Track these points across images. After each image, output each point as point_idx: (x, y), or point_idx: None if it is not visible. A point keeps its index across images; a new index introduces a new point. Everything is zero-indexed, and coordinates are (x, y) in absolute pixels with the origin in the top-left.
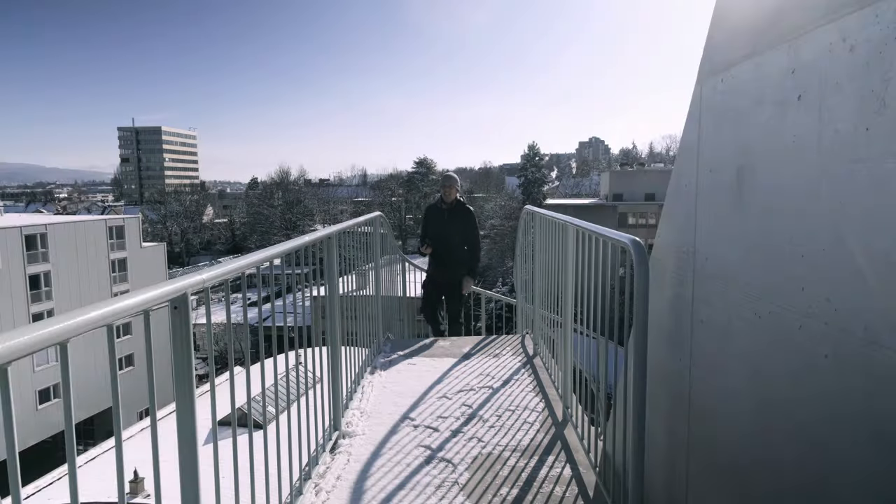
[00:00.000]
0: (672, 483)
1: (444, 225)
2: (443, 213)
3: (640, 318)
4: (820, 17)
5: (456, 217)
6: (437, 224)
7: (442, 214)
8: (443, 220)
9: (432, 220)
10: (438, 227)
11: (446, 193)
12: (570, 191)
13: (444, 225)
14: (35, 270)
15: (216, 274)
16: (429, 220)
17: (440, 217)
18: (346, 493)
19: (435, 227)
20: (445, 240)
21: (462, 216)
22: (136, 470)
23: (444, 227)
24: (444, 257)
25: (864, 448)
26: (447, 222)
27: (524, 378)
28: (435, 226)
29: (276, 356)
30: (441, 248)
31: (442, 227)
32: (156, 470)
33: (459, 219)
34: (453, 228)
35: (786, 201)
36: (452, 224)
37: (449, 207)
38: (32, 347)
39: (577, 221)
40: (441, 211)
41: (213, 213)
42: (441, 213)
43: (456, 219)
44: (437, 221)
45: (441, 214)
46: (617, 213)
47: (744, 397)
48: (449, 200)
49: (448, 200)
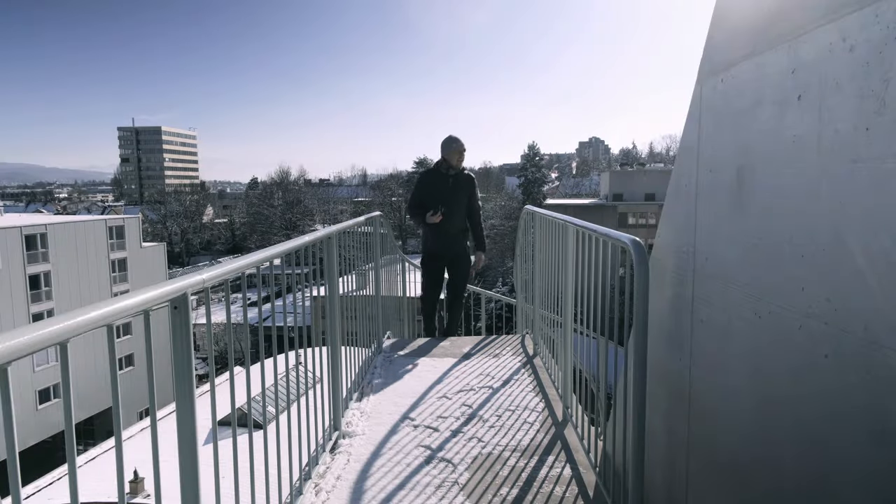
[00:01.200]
0: (672, 483)
1: (449, 193)
2: (447, 180)
3: (640, 318)
4: (820, 17)
5: (462, 185)
6: (440, 192)
7: (446, 181)
8: (447, 187)
9: (434, 187)
10: (443, 195)
11: (458, 159)
12: (570, 191)
13: (450, 193)
14: (35, 270)
15: (216, 274)
16: (428, 187)
17: (443, 184)
18: (346, 493)
19: (438, 195)
20: (451, 209)
21: (467, 184)
22: (136, 470)
23: (450, 195)
24: (448, 229)
25: (864, 447)
26: (453, 190)
27: (524, 378)
28: (438, 194)
29: (276, 356)
30: (445, 219)
31: (448, 195)
32: (156, 470)
33: (465, 187)
34: (460, 197)
35: (786, 201)
36: (459, 192)
37: (455, 174)
38: (32, 347)
39: (577, 221)
40: (444, 177)
41: (213, 213)
42: (445, 179)
43: (462, 187)
44: (441, 189)
45: (444, 181)
46: (617, 213)
47: (744, 397)
48: (457, 166)
49: (456, 166)
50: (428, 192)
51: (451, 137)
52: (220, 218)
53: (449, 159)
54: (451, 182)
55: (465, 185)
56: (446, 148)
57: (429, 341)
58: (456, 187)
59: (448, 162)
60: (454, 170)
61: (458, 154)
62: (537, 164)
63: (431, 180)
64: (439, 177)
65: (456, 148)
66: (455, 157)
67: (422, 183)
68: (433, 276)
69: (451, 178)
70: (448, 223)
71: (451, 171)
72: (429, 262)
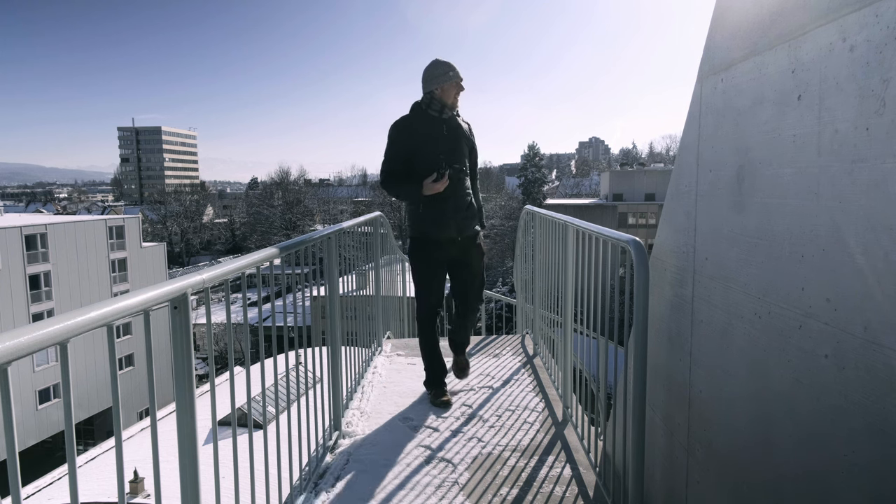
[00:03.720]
0: (672, 483)
1: (448, 145)
2: (440, 126)
3: (640, 318)
4: (820, 17)
5: (460, 134)
6: (435, 144)
7: (439, 127)
8: (442, 136)
9: (425, 138)
10: (439, 148)
11: (455, 94)
12: (570, 191)
13: (449, 144)
14: (35, 270)
15: (216, 274)
16: (415, 137)
17: (437, 131)
18: (346, 493)
19: (432, 149)
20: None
21: (466, 133)
22: (136, 470)
23: (450, 148)
24: (456, 201)
25: (864, 448)
26: (451, 140)
27: (524, 378)
28: (432, 147)
29: (276, 356)
30: (451, 184)
31: (446, 148)
32: (156, 470)
33: (465, 137)
34: (462, 152)
35: (786, 201)
36: (459, 144)
37: (450, 117)
38: (32, 347)
39: (577, 221)
40: (437, 122)
41: (213, 213)
42: (438, 125)
43: (463, 135)
44: (436, 139)
45: (438, 127)
46: (617, 213)
47: (744, 397)
48: (454, 105)
49: (453, 105)
50: (416, 144)
51: (439, 61)
52: (220, 218)
53: (443, 95)
54: (446, 129)
55: (467, 135)
56: (438, 77)
57: None
58: (455, 136)
59: (442, 100)
60: (450, 110)
61: (457, 87)
62: (537, 164)
63: (416, 127)
64: (429, 121)
65: (454, 77)
66: (453, 91)
67: (404, 133)
68: (433, 276)
69: (445, 124)
70: (455, 191)
71: (445, 112)
72: (425, 252)
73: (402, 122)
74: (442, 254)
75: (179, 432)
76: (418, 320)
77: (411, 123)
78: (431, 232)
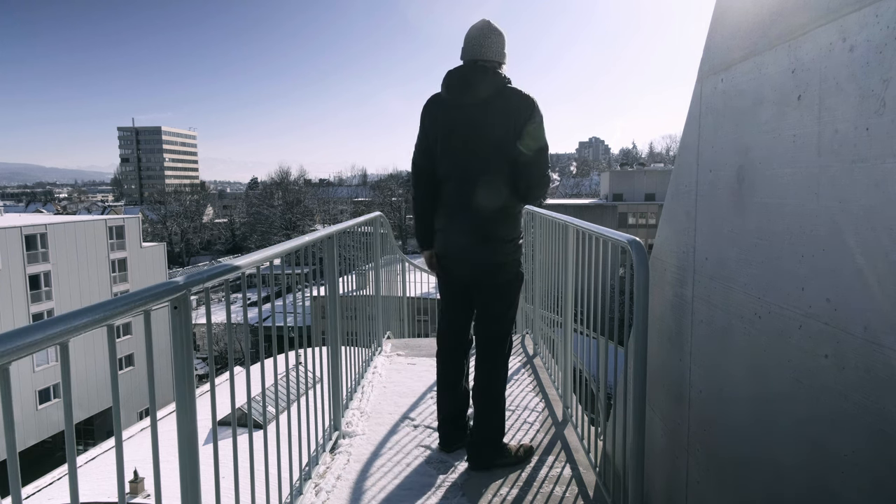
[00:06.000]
0: (672, 483)
1: (474, 129)
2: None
3: (640, 318)
4: (820, 17)
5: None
6: (459, 127)
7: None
8: (473, 119)
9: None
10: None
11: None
12: (570, 191)
13: (476, 129)
14: (35, 270)
15: (216, 274)
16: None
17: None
18: (346, 493)
19: (453, 136)
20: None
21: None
22: (136, 470)
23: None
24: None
25: (864, 448)
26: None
27: (524, 378)
28: (453, 132)
29: (276, 356)
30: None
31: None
32: (156, 470)
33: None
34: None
35: (786, 201)
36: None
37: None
38: (32, 347)
39: (577, 221)
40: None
41: (213, 213)
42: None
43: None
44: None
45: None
46: (617, 213)
47: (744, 397)
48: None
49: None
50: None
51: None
52: (220, 218)
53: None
54: (475, 112)
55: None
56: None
57: (429, 341)
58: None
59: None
60: (483, 90)
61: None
62: None
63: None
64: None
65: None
66: None
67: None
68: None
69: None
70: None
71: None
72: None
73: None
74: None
75: (179, 432)
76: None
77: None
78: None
